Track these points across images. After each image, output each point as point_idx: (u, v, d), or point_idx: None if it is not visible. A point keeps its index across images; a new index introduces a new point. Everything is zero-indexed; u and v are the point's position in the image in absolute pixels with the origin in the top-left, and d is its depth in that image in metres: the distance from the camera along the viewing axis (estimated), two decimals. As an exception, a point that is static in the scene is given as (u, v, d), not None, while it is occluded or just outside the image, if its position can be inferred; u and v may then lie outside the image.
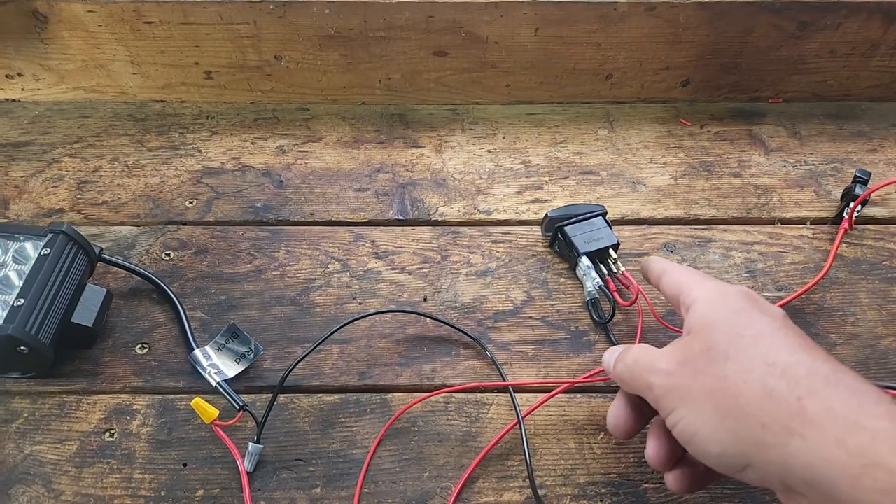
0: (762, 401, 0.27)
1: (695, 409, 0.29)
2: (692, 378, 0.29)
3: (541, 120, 0.61)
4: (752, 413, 0.27)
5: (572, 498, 0.39)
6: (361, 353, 0.45)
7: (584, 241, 0.48)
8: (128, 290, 0.47)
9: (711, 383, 0.29)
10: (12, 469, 0.39)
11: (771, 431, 0.26)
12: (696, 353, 0.30)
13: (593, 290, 0.46)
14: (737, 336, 0.30)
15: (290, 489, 0.39)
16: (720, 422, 0.28)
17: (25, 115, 0.60)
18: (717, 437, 0.28)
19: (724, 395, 0.28)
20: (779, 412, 0.26)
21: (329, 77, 0.60)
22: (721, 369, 0.29)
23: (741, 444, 0.27)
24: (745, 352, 0.29)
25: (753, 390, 0.27)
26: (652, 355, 0.33)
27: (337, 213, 0.53)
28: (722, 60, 0.59)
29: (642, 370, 0.33)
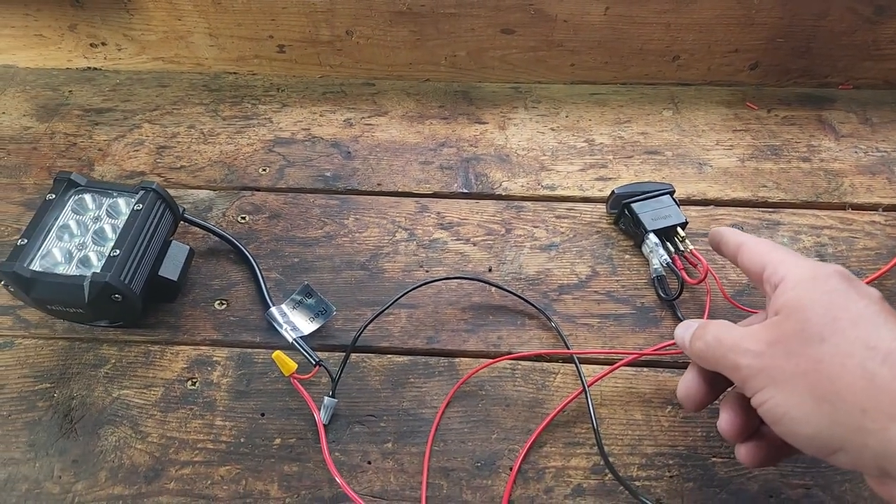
0: (863, 386, 0.26)
1: (787, 390, 0.28)
2: (784, 359, 0.29)
3: (604, 100, 0.61)
4: (850, 398, 0.26)
5: (639, 467, 0.39)
6: (429, 319, 0.46)
7: (651, 218, 0.48)
8: (206, 250, 0.49)
9: (805, 365, 0.28)
10: (101, 410, 0.41)
11: (871, 417, 0.26)
12: (789, 334, 0.29)
13: (660, 268, 0.47)
14: (833, 318, 0.28)
15: (362, 442, 0.40)
16: (815, 405, 0.27)
17: (107, 83, 0.62)
18: (810, 419, 0.27)
19: (819, 377, 0.27)
20: (881, 397, 0.26)
21: (397, 53, 0.61)
22: (816, 351, 0.28)
23: (837, 428, 0.27)
24: (844, 335, 0.28)
25: (853, 375, 0.26)
26: (735, 334, 0.32)
27: (403, 185, 0.54)
28: (793, 44, 0.59)
29: (727, 350, 0.32)
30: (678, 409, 0.42)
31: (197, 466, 0.39)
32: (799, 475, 0.39)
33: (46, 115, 0.59)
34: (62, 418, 0.41)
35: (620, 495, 0.38)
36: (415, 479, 0.39)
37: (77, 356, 0.44)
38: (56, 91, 0.62)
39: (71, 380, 0.43)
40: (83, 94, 0.61)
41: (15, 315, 0.46)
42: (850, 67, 0.61)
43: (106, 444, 0.40)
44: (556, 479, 0.39)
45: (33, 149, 0.57)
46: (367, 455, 0.40)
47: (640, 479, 0.39)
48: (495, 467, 0.39)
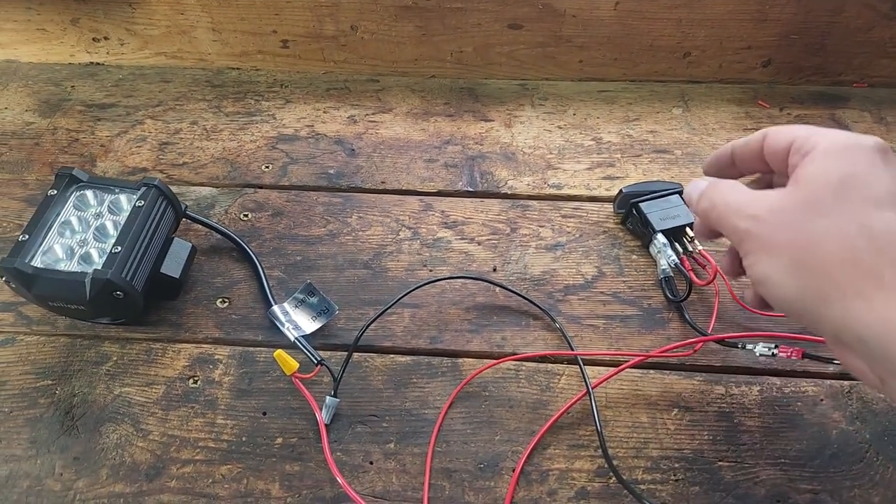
0: (843, 263, 0.27)
1: (773, 257, 0.29)
2: (780, 230, 0.29)
3: (613, 97, 0.60)
4: (828, 271, 0.27)
5: (644, 470, 0.39)
6: (432, 319, 0.45)
7: (659, 218, 0.47)
8: (209, 247, 0.49)
9: (798, 238, 0.28)
10: (103, 408, 0.41)
11: (840, 290, 0.26)
12: (794, 203, 0.29)
13: (668, 268, 0.46)
14: (844, 196, 0.27)
15: (364, 442, 0.40)
16: (794, 274, 0.28)
17: (109, 78, 0.62)
18: (786, 285, 0.28)
19: (807, 251, 0.28)
20: (855, 277, 0.26)
21: (402, 49, 0.60)
22: (813, 227, 0.28)
23: (807, 298, 0.28)
24: (846, 213, 0.27)
25: (838, 251, 0.27)
26: (742, 198, 0.31)
27: (407, 183, 0.54)
28: (807, 41, 0.58)
29: (731, 212, 0.31)
30: (685, 412, 0.41)
31: (198, 465, 0.39)
32: (807, 480, 0.38)
33: (49, 111, 0.59)
34: (64, 415, 0.41)
35: (625, 499, 0.38)
36: (417, 479, 0.39)
37: (79, 353, 0.44)
38: (58, 86, 0.61)
39: (73, 377, 0.43)
40: (85, 90, 0.61)
41: (17, 311, 0.46)
42: (865, 65, 0.59)
43: (107, 442, 0.40)
44: (560, 482, 0.38)
45: (35, 144, 0.56)
46: (369, 455, 0.39)
47: (645, 483, 0.38)
48: (498, 469, 0.39)
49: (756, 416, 0.41)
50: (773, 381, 0.42)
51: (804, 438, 0.40)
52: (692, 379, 0.42)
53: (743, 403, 0.42)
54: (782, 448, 0.40)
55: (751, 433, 0.40)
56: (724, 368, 0.43)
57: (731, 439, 0.40)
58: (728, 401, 0.42)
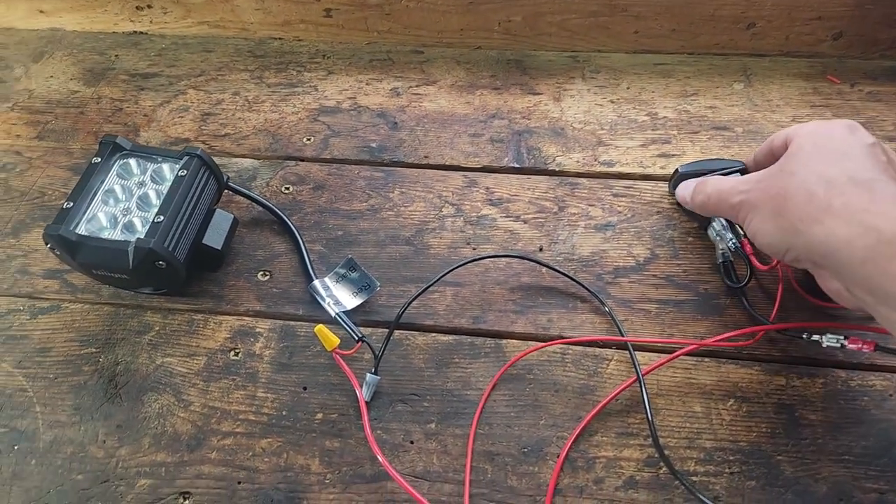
0: (802, 202, 0.33)
1: (760, 213, 0.36)
2: (763, 191, 0.36)
3: (669, 71, 0.57)
4: (794, 211, 0.34)
5: (697, 462, 0.37)
6: (475, 298, 0.44)
7: None
8: (250, 220, 0.48)
9: (775, 192, 0.35)
10: (145, 377, 0.41)
11: (803, 223, 0.33)
12: (773, 171, 0.36)
13: (727, 252, 0.43)
14: (808, 159, 0.35)
15: (405, 421, 0.39)
16: (774, 220, 0.35)
17: (152, 48, 0.61)
18: (771, 231, 0.35)
19: (780, 200, 0.34)
20: (811, 209, 0.33)
21: (447, 18, 0.58)
22: (786, 182, 0.35)
23: (783, 235, 0.34)
24: (807, 168, 0.34)
25: (801, 196, 0.33)
26: (731, 181, 0.39)
27: (451, 158, 0.52)
28: (885, 10, 0.53)
29: (725, 195, 0.39)
30: (741, 403, 0.39)
31: (238, 437, 0.39)
32: (873, 479, 0.36)
33: (93, 80, 0.59)
34: (107, 383, 0.41)
35: (676, 490, 0.36)
36: (458, 461, 0.38)
37: (122, 322, 0.44)
38: (103, 55, 0.61)
39: (116, 345, 0.43)
40: (129, 59, 0.61)
41: (62, 279, 0.46)
42: (945, 38, 0.55)
43: (149, 411, 0.40)
44: (607, 470, 0.37)
45: (80, 113, 0.56)
46: (410, 435, 0.39)
47: (698, 475, 0.37)
48: (542, 454, 0.38)
49: (819, 409, 0.39)
50: (839, 374, 0.40)
51: (871, 435, 0.38)
52: (750, 369, 0.40)
53: (805, 396, 0.39)
54: (846, 444, 0.37)
55: (813, 427, 0.38)
56: (784, 359, 0.41)
57: (791, 433, 0.38)
58: (789, 392, 0.39)
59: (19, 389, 0.41)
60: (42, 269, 0.46)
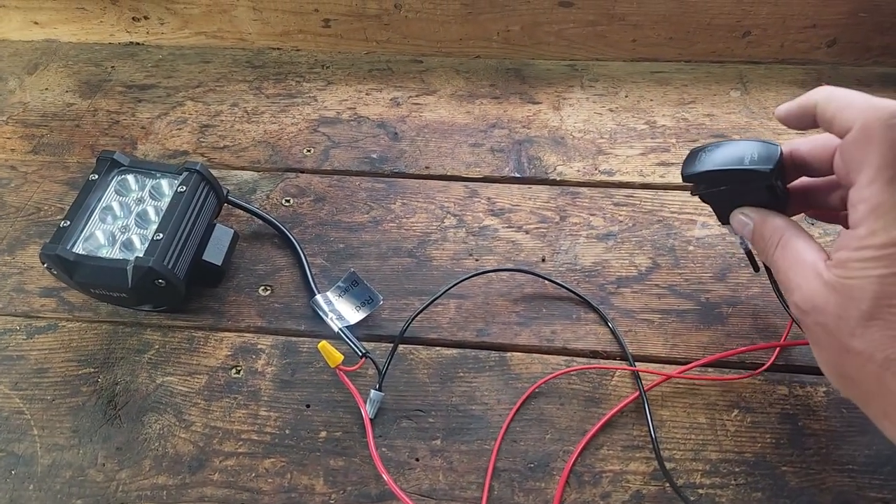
0: (874, 385, 0.29)
1: (819, 351, 0.31)
2: (822, 333, 0.30)
3: (667, 79, 0.57)
4: (863, 387, 0.30)
5: (703, 474, 0.37)
6: (479, 310, 0.44)
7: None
8: (250, 234, 0.48)
9: (834, 345, 0.30)
10: (145, 397, 0.41)
11: (875, 404, 0.30)
12: (828, 308, 0.30)
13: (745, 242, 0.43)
14: (870, 315, 0.28)
15: (410, 438, 0.39)
16: (838, 374, 0.31)
17: (149, 59, 0.61)
18: (833, 378, 0.31)
19: (842, 363, 0.30)
20: (884, 400, 0.29)
21: (446, 28, 0.58)
22: (846, 343, 0.29)
23: (851, 394, 0.31)
24: (872, 338, 0.28)
25: (868, 376, 0.29)
26: (790, 275, 0.32)
27: (452, 168, 0.52)
28: (878, 19, 0.54)
29: (784, 287, 0.33)
30: (745, 413, 0.39)
31: (241, 458, 0.38)
32: (877, 488, 0.36)
33: (89, 92, 0.58)
34: (106, 404, 0.41)
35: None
36: (464, 478, 0.37)
37: (121, 341, 0.43)
38: (98, 66, 0.61)
39: (115, 365, 0.42)
40: (126, 70, 0.60)
41: (59, 297, 0.45)
42: (939, 44, 0.55)
43: (150, 432, 0.39)
44: (614, 485, 0.37)
45: (76, 126, 0.56)
46: (415, 452, 0.38)
47: (704, 487, 0.37)
48: (549, 469, 0.37)
49: (822, 418, 0.39)
50: (842, 384, 0.40)
51: (874, 444, 0.38)
52: (753, 378, 0.40)
53: (808, 405, 0.39)
54: (850, 454, 0.37)
55: (816, 437, 0.38)
56: (787, 367, 0.41)
57: (795, 443, 0.38)
58: (792, 402, 0.39)
59: (16, 412, 0.41)
60: (38, 287, 0.46)
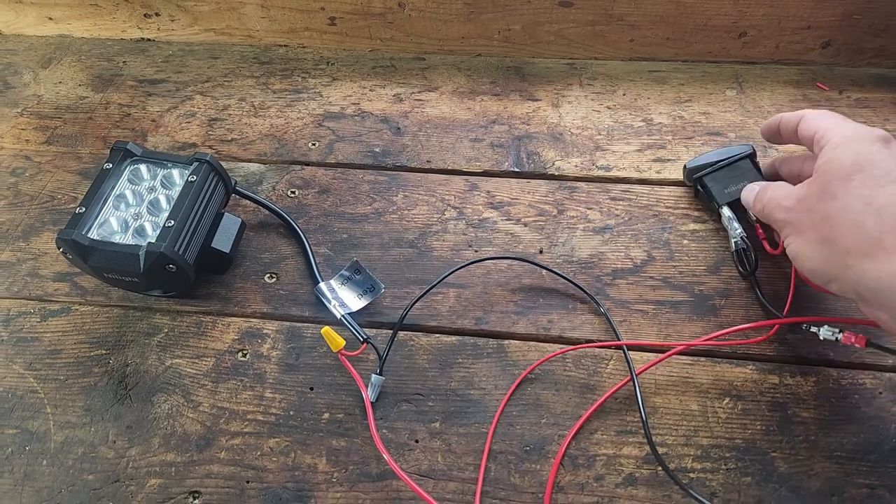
0: (851, 233, 0.32)
1: (802, 237, 0.36)
2: (805, 214, 0.36)
3: (664, 78, 0.58)
4: (841, 242, 0.33)
5: (694, 459, 0.38)
6: (478, 299, 0.45)
7: (723, 189, 0.46)
8: (257, 223, 0.49)
9: (818, 218, 0.34)
10: (155, 378, 0.42)
11: (852, 256, 0.32)
12: (813, 192, 0.35)
13: (739, 241, 0.44)
14: (848, 178, 0.33)
15: (410, 420, 0.40)
16: (818, 247, 0.34)
17: (160, 54, 0.63)
18: (814, 258, 0.35)
19: (824, 227, 0.34)
20: (861, 242, 0.32)
21: (449, 27, 0.59)
22: (827, 207, 0.34)
23: (829, 265, 0.34)
24: (851, 193, 0.33)
25: (847, 224, 0.33)
26: (780, 193, 0.38)
27: (453, 163, 0.53)
28: (871, 21, 0.55)
29: (773, 207, 0.38)
30: (736, 401, 0.40)
31: (247, 437, 0.40)
32: (864, 474, 0.37)
33: (101, 85, 0.60)
34: (117, 384, 0.42)
35: (674, 487, 0.37)
36: (462, 459, 0.39)
37: (131, 324, 0.45)
38: (110, 61, 0.62)
39: (126, 347, 0.44)
40: (137, 65, 0.62)
41: (72, 282, 0.47)
42: (932, 47, 0.56)
43: (159, 412, 0.41)
44: (607, 467, 0.38)
45: (89, 118, 0.57)
46: (415, 434, 0.40)
47: (695, 472, 0.38)
48: (544, 452, 0.39)
49: (811, 407, 0.40)
50: (830, 373, 0.41)
51: (861, 432, 0.39)
52: (745, 367, 0.41)
53: (798, 394, 0.40)
54: (838, 441, 0.39)
55: (805, 425, 0.39)
56: (778, 358, 0.42)
57: (784, 430, 0.39)
58: (782, 391, 0.41)
59: (30, 391, 0.42)
60: (52, 273, 0.47)
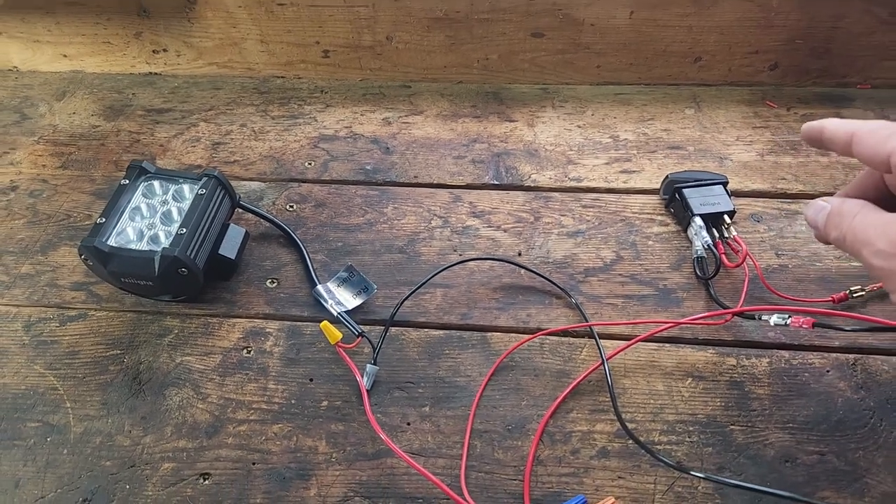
0: None
1: None
2: None
3: (629, 99, 0.64)
4: None
5: (661, 433, 0.42)
6: (462, 297, 0.49)
7: (699, 203, 0.51)
8: (258, 235, 0.54)
9: None
10: (166, 374, 0.46)
11: None
12: None
13: (701, 249, 0.49)
14: None
15: (402, 406, 0.44)
16: None
17: (166, 86, 0.68)
18: None
19: None
20: None
21: (432, 57, 0.65)
22: None
23: None
24: None
25: None
26: (868, 229, 0.31)
27: (438, 177, 0.58)
28: (812, 45, 0.61)
29: (860, 246, 0.32)
30: (698, 381, 0.44)
31: (252, 424, 0.43)
32: (814, 443, 0.41)
33: (112, 115, 0.65)
34: (132, 380, 0.46)
35: (643, 457, 0.41)
36: (450, 439, 0.42)
37: (144, 326, 0.48)
38: (121, 94, 0.68)
39: (139, 347, 0.47)
40: (145, 97, 0.67)
41: (88, 290, 0.51)
42: (868, 67, 0.63)
43: (171, 404, 0.44)
44: (582, 442, 0.42)
45: (101, 145, 0.62)
46: (407, 417, 0.43)
47: (662, 444, 0.42)
48: (525, 430, 0.42)
49: (766, 385, 0.44)
50: (782, 354, 0.45)
51: (811, 406, 0.43)
52: (705, 351, 0.46)
53: (753, 374, 0.45)
54: (790, 414, 0.43)
55: (761, 400, 0.43)
56: (735, 343, 0.46)
57: (742, 406, 0.43)
58: (739, 371, 0.45)
59: (51, 388, 0.45)
60: (69, 282, 0.51)
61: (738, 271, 0.49)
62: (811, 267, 0.50)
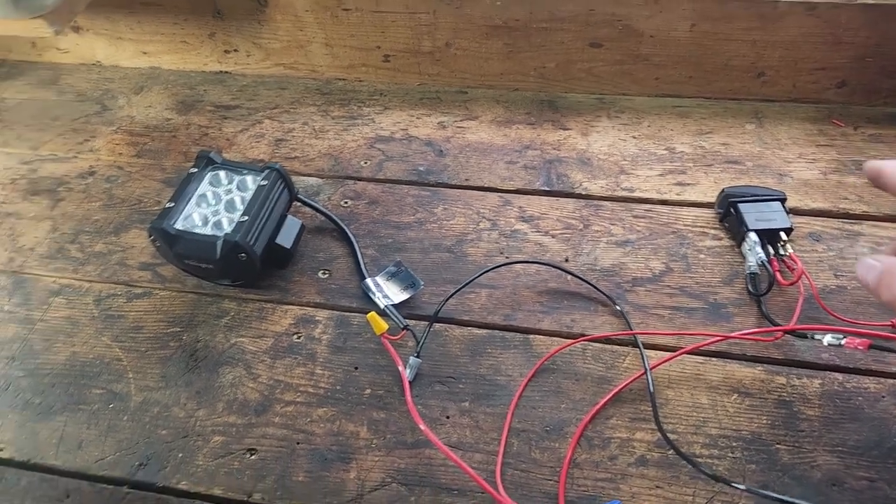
0: None
1: None
2: None
3: (687, 112, 0.64)
4: None
5: (702, 446, 0.41)
6: (507, 299, 0.50)
7: (755, 218, 0.50)
8: (314, 228, 0.56)
9: None
10: (221, 353, 0.48)
11: None
12: None
13: (755, 265, 0.48)
14: None
15: (442, 399, 0.45)
16: None
17: (235, 85, 0.72)
18: None
19: None
20: None
21: (489, 64, 0.66)
22: None
23: None
24: None
25: None
26: None
27: (489, 181, 0.59)
28: (882, 63, 0.59)
29: None
30: (744, 397, 0.43)
31: (298, 406, 0.45)
32: (864, 468, 0.40)
33: (184, 109, 0.69)
34: (189, 357, 0.48)
35: (683, 468, 0.40)
36: (488, 435, 0.43)
37: (203, 307, 0.51)
38: (193, 90, 0.72)
39: (197, 326, 0.50)
40: (215, 93, 0.71)
41: (153, 271, 0.54)
42: (943, 88, 0.60)
43: (224, 381, 0.46)
44: (621, 449, 0.42)
45: (173, 136, 0.66)
46: (446, 410, 0.44)
47: (703, 457, 0.41)
48: (563, 432, 0.43)
49: (816, 406, 0.43)
50: (835, 377, 0.44)
51: (864, 430, 0.41)
52: (753, 368, 0.45)
53: (803, 394, 0.43)
54: (841, 437, 0.41)
55: (810, 421, 0.42)
56: (785, 361, 0.45)
57: (789, 425, 0.42)
58: (789, 391, 0.44)
59: (115, 359, 0.48)
60: (138, 262, 0.55)
61: (792, 290, 0.48)
62: (871, 289, 0.48)
